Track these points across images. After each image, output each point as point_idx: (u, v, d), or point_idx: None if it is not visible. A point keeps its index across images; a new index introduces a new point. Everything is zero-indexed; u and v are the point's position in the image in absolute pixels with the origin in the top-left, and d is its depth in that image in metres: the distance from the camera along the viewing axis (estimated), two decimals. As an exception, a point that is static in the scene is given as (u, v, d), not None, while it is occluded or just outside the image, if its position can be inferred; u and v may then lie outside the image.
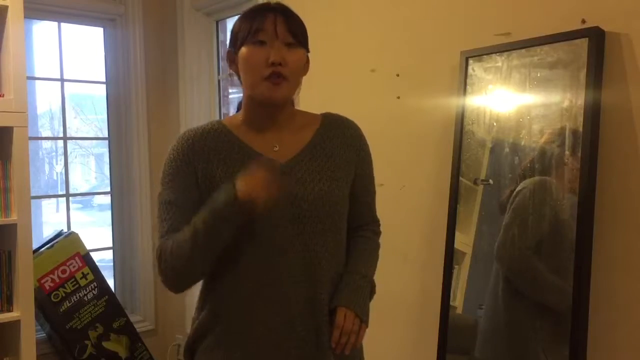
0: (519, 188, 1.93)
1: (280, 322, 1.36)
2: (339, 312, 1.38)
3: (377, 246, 1.59)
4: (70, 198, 3.52)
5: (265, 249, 1.36)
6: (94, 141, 4.70)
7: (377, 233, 1.60)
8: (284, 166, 1.38)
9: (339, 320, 1.37)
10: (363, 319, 1.40)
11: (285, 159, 1.40)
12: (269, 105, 1.40)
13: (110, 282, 3.42)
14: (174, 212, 1.36)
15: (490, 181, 2.06)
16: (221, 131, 1.42)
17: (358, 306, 1.40)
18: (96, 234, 4.05)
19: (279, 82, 1.34)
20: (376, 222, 1.60)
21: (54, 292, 3.01)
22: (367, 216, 1.57)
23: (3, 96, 2.57)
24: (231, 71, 1.46)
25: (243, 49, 1.36)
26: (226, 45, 3.62)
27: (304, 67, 1.43)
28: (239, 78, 1.44)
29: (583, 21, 1.81)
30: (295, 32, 1.37)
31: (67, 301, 3.04)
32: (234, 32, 1.41)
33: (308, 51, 1.43)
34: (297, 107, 1.52)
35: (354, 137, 1.49)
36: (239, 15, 1.42)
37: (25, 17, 2.60)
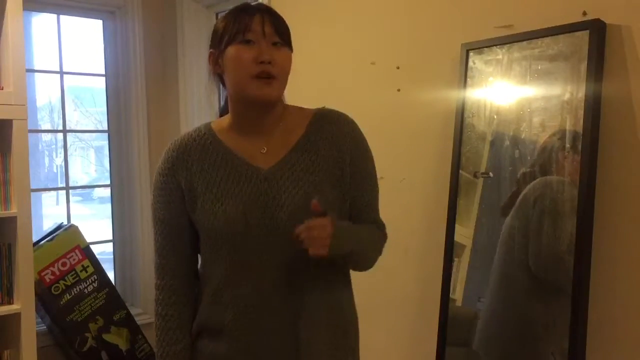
0: (528, 191, 1.89)
1: (260, 333, 1.37)
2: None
3: (380, 237, 1.48)
4: (70, 191, 3.52)
5: (245, 260, 1.35)
6: (94, 134, 4.70)
7: (382, 230, 1.49)
8: (266, 172, 1.36)
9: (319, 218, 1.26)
10: (336, 239, 1.25)
11: (269, 165, 1.37)
12: (260, 105, 1.36)
13: (111, 275, 3.42)
14: (162, 229, 1.43)
15: (491, 174, 2.06)
16: (207, 137, 1.41)
17: (343, 230, 1.30)
18: (96, 226, 4.05)
19: (268, 83, 1.31)
20: (380, 225, 1.48)
21: (54, 285, 3.01)
22: (367, 219, 1.45)
23: (2, 89, 2.57)
24: (213, 75, 1.43)
25: (230, 49, 1.33)
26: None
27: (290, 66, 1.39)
28: (221, 81, 1.42)
29: (584, 13, 1.80)
30: (282, 32, 1.35)
31: (67, 294, 3.05)
32: (217, 33, 1.39)
33: (292, 50, 1.39)
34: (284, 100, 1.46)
35: (343, 135, 1.41)
36: (221, 16, 1.40)
37: (24, 9, 2.59)
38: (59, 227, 3.20)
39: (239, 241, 1.34)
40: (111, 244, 3.64)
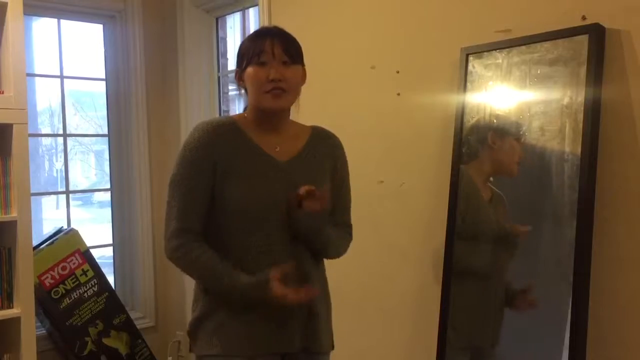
0: None
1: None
2: None
3: (348, 238, 1.77)
4: (70, 195, 3.52)
5: (266, 241, 1.58)
6: (94, 138, 4.69)
7: (349, 234, 1.79)
8: (284, 164, 1.63)
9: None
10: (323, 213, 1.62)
11: (285, 159, 1.64)
12: (272, 114, 1.64)
13: (111, 279, 3.42)
14: (188, 197, 1.58)
15: (491, 178, 2.06)
16: (235, 128, 1.64)
17: (325, 217, 1.64)
18: (96, 230, 4.04)
19: (279, 95, 1.59)
20: (349, 226, 1.79)
21: (54, 289, 3.01)
22: (342, 218, 1.76)
23: (3, 93, 2.57)
24: (240, 86, 1.68)
25: (248, 70, 1.60)
26: (226, 42, 3.64)
27: (301, 79, 1.67)
28: (246, 92, 1.67)
29: (583, 18, 1.81)
30: (290, 52, 1.61)
31: (67, 298, 3.04)
32: (240, 54, 1.65)
33: (303, 65, 1.66)
34: (299, 109, 1.71)
35: (335, 148, 1.76)
36: (244, 39, 1.66)
37: (24, 13, 2.60)
38: (59, 231, 3.20)
39: (269, 215, 1.58)
40: (111, 248, 3.64)
